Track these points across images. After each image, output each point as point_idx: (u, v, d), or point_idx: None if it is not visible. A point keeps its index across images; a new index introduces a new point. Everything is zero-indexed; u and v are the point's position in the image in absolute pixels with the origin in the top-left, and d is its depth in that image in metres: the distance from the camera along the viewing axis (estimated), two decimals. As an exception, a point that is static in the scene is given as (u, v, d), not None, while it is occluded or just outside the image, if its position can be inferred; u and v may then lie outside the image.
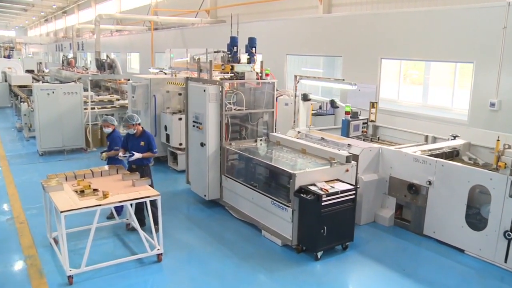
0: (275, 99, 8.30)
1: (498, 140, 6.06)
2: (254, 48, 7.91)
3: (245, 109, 8.15)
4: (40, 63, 26.44)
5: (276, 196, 6.61)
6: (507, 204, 5.78)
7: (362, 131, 8.59)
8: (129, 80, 12.93)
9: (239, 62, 7.91)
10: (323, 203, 5.86)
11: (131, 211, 6.21)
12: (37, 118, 11.26)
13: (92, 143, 12.07)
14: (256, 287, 5.54)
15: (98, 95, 14.94)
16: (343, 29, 12.23)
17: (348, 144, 7.48)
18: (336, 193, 6.00)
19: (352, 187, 6.26)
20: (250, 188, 7.12)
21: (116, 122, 7.63)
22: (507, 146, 5.98)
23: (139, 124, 6.96)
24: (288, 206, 6.24)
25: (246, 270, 5.87)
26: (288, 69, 14.55)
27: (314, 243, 6.07)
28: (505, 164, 5.85)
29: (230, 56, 7.91)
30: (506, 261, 5.85)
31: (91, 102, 12.40)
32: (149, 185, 6.24)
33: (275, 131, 8.33)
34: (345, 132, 8.36)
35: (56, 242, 6.19)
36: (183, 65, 10.34)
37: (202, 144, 7.78)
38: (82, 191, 5.68)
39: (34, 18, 59.99)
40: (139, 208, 6.61)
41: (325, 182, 6.23)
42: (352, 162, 6.67)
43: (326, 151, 7.00)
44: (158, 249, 5.96)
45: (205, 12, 20.94)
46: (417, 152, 7.11)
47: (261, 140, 8.14)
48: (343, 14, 13.04)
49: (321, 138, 8.00)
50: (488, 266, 6.00)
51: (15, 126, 15.36)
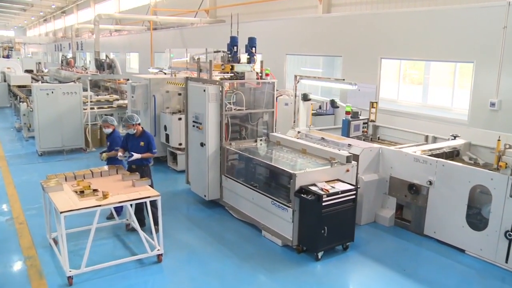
0: (275, 99, 8.29)
1: (499, 140, 6.06)
2: (254, 48, 7.90)
3: (245, 109, 8.14)
4: (39, 63, 26.44)
5: (276, 196, 6.59)
6: (508, 204, 5.77)
7: (363, 131, 8.57)
8: (128, 80, 12.89)
9: (239, 62, 7.89)
10: (323, 203, 5.84)
11: (131, 211, 6.20)
12: (36, 118, 11.25)
13: (91, 143, 12.04)
14: (257, 288, 5.53)
15: (98, 95, 14.92)
16: (343, 29, 12.22)
17: (349, 144, 7.46)
18: (336, 193, 5.99)
19: (352, 187, 6.25)
20: (250, 188, 7.10)
21: (116, 122, 7.61)
22: (507, 146, 5.98)
23: (139, 124, 6.93)
24: (289, 206, 6.22)
25: (247, 270, 5.85)
26: (287, 69, 14.54)
27: (315, 243, 6.06)
28: (506, 164, 5.86)
29: (230, 56, 7.89)
30: (507, 261, 5.84)
31: (90, 102, 12.38)
32: (149, 185, 6.22)
33: (275, 131, 8.32)
34: (346, 132, 8.35)
35: (55, 242, 6.18)
36: (182, 65, 10.32)
37: (202, 144, 7.76)
38: (82, 192, 5.66)
39: (33, 18, 59.92)
40: (139, 208, 6.60)
41: (326, 182, 6.22)
42: (353, 162, 6.66)
43: (326, 151, 6.99)
44: (158, 250, 5.93)
45: (204, 12, 20.93)
46: (417, 152, 7.10)
47: (261, 140, 8.13)
48: (343, 14, 13.03)
49: (321, 138, 7.98)
50: (489, 266, 5.99)
51: (14, 126, 15.34)
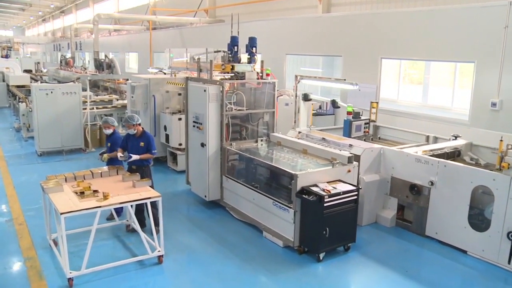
0: (276, 99, 8.26)
1: (501, 140, 6.03)
2: (254, 48, 7.86)
3: (246, 109, 8.10)
4: (38, 63, 26.39)
5: (278, 197, 6.56)
6: (510, 204, 5.75)
7: (364, 131, 8.54)
8: (127, 80, 12.85)
9: (239, 62, 7.86)
10: (325, 204, 5.81)
11: (131, 212, 6.17)
12: (36, 118, 11.20)
13: (91, 144, 12.00)
14: (258, 289, 5.50)
15: (97, 95, 14.87)
16: (343, 28, 12.18)
17: (350, 145, 7.43)
18: (338, 194, 5.96)
19: (354, 188, 6.22)
20: (251, 189, 7.06)
21: (116, 123, 7.57)
22: (510, 147, 5.95)
23: (139, 124, 6.89)
24: (290, 207, 6.19)
25: (248, 271, 5.82)
26: (287, 69, 14.50)
27: (316, 244, 6.03)
28: (509, 164, 5.83)
29: (230, 56, 7.86)
30: (509, 262, 5.81)
31: (90, 102, 12.34)
32: (150, 186, 6.18)
33: (276, 132, 8.28)
34: (347, 133, 8.31)
35: (55, 243, 6.14)
36: (182, 65, 10.29)
37: (202, 145, 7.72)
38: (82, 193, 5.63)
39: (32, 18, 59.79)
40: (139, 209, 6.57)
41: (327, 182, 6.19)
42: (354, 162, 6.63)
43: (327, 152, 6.96)
44: (159, 251, 5.90)
45: (203, 12, 20.89)
46: (418, 153, 7.07)
47: (261, 140, 8.10)
48: (343, 14, 12.99)
49: (322, 138, 7.95)
50: (491, 267, 5.97)
51: (13, 126, 15.28)
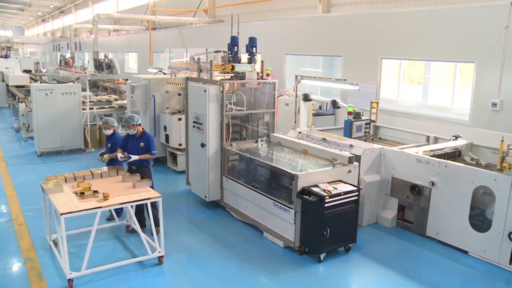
0: (276, 100, 8.24)
1: (502, 140, 6.02)
2: (254, 48, 7.84)
3: (246, 110, 8.09)
4: (38, 63, 26.33)
5: (278, 197, 6.54)
6: (511, 205, 5.73)
7: (365, 132, 8.52)
8: (127, 80, 12.83)
9: (239, 62, 7.84)
10: (326, 205, 5.80)
11: (131, 212, 6.15)
12: (35, 119, 11.18)
13: (90, 144, 11.98)
14: (259, 290, 5.49)
15: (96, 95, 14.85)
16: (343, 28, 12.16)
17: (350, 145, 7.41)
18: (339, 195, 5.95)
19: (355, 188, 6.20)
20: (252, 189, 7.05)
21: (116, 123, 7.55)
22: (511, 147, 5.93)
23: (139, 124, 6.88)
24: (291, 208, 6.18)
25: (248, 272, 5.80)
26: (287, 69, 14.49)
27: (317, 245, 6.01)
28: (510, 165, 5.81)
29: (230, 56, 7.84)
30: (511, 263, 5.80)
31: (89, 102, 12.31)
32: (150, 186, 6.17)
33: (276, 132, 8.27)
34: (348, 133, 8.29)
35: (55, 244, 6.12)
36: (182, 65, 10.27)
37: (202, 145, 7.71)
38: (82, 193, 5.60)
39: (31, 18, 59.73)
40: (139, 209, 6.55)
41: (328, 183, 6.18)
42: (355, 163, 6.62)
43: (328, 152, 6.94)
44: (159, 252, 5.88)
45: (203, 12, 20.86)
46: (419, 153, 7.06)
47: (262, 140, 8.08)
48: (343, 14, 12.98)
49: (323, 138, 7.94)
50: (492, 268, 5.95)
51: (13, 126, 15.27)
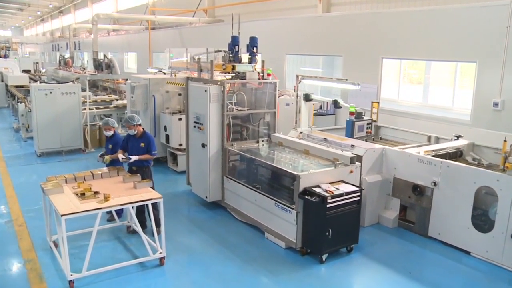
0: (277, 99, 8.21)
1: (505, 140, 6.00)
2: (255, 48, 7.81)
3: (247, 110, 8.06)
4: (37, 63, 26.26)
5: (280, 198, 6.51)
6: (514, 205, 5.71)
7: (367, 132, 8.49)
8: (127, 80, 12.80)
9: (240, 62, 7.81)
10: (328, 205, 5.77)
11: (132, 213, 6.11)
12: (35, 119, 11.15)
13: (90, 144, 11.95)
14: (260, 291, 5.46)
15: (96, 95, 14.81)
16: (343, 28, 12.13)
17: (351, 145, 7.38)
18: (341, 195, 5.92)
19: (357, 188, 6.17)
20: (253, 189, 7.01)
21: (117, 124, 7.52)
22: (514, 147, 5.92)
23: (139, 125, 6.84)
24: (292, 208, 6.15)
25: (250, 273, 5.78)
26: (287, 69, 14.46)
27: (319, 245, 5.98)
28: (512, 165, 5.79)
29: (231, 55, 7.80)
30: (513, 263, 5.79)
31: (89, 102, 12.27)
32: (151, 187, 6.13)
33: (277, 132, 8.23)
34: (350, 133, 8.26)
35: (56, 245, 6.09)
36: (182, 65, 10.23)
37: (203, 145, 7.67)
38: (82, 194, 5.57)
39: (30, 18, 59.62)
40: (140, 210, 6.50)
41: (330, 183, 6.15)
42: (356, 163, 6.59)
43: (329, 152, 6.91)
44: (161, 253, 5.85)
45: (203, 12, 20.83)
46: (420, 153, 7.03)
47: (263, 140, 8.05)
48: (343, 14, 12.95)
49: (324, 138, 7.91)
50: (495, 269, 5.93)
51: (12, 126, 15.23)
